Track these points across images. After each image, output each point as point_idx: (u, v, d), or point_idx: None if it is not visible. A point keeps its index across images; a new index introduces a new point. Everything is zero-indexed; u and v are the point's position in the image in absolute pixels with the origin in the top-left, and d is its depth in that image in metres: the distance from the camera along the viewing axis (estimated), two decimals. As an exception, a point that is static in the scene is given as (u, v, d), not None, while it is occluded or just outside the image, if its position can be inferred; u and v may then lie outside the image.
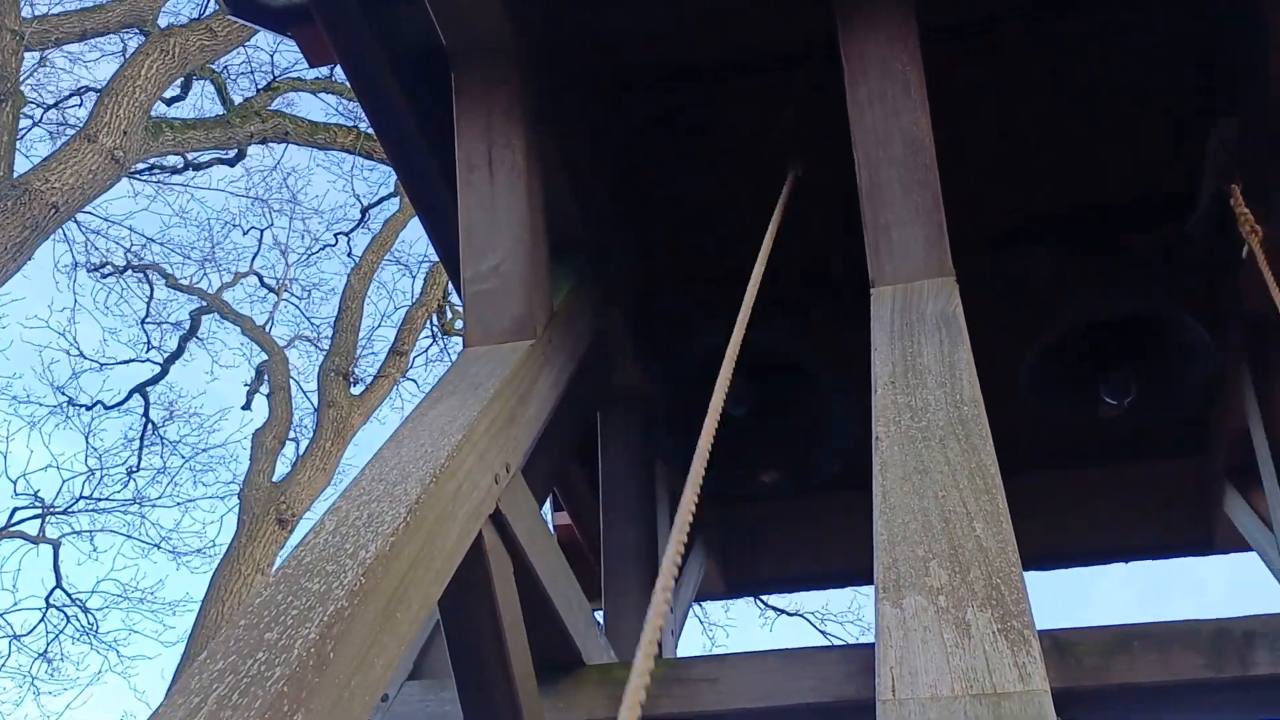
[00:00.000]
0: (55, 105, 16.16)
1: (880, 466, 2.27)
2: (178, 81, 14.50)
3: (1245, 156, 3.76)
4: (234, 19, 4.29)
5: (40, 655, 16.05)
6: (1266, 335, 4.04)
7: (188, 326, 18.27)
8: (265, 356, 18.00)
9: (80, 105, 16.16)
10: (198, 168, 16.34)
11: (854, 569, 5.42)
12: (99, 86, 15.60)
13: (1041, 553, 5.18)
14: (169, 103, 15.43)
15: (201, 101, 16.64)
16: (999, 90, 4.20)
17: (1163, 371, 4.19)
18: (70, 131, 14.90)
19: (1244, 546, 4.94)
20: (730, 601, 14.96)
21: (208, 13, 14.23)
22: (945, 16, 3.79)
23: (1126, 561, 5.32)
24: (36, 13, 14.32)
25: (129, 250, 17.78)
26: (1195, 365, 4.10)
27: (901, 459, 2.26)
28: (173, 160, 16.36)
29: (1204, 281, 4.29)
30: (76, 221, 16.12)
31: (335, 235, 18.91)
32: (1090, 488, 5.18)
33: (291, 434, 16.91)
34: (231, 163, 16.79)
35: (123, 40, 15.25)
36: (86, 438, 17.13)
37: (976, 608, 1.76)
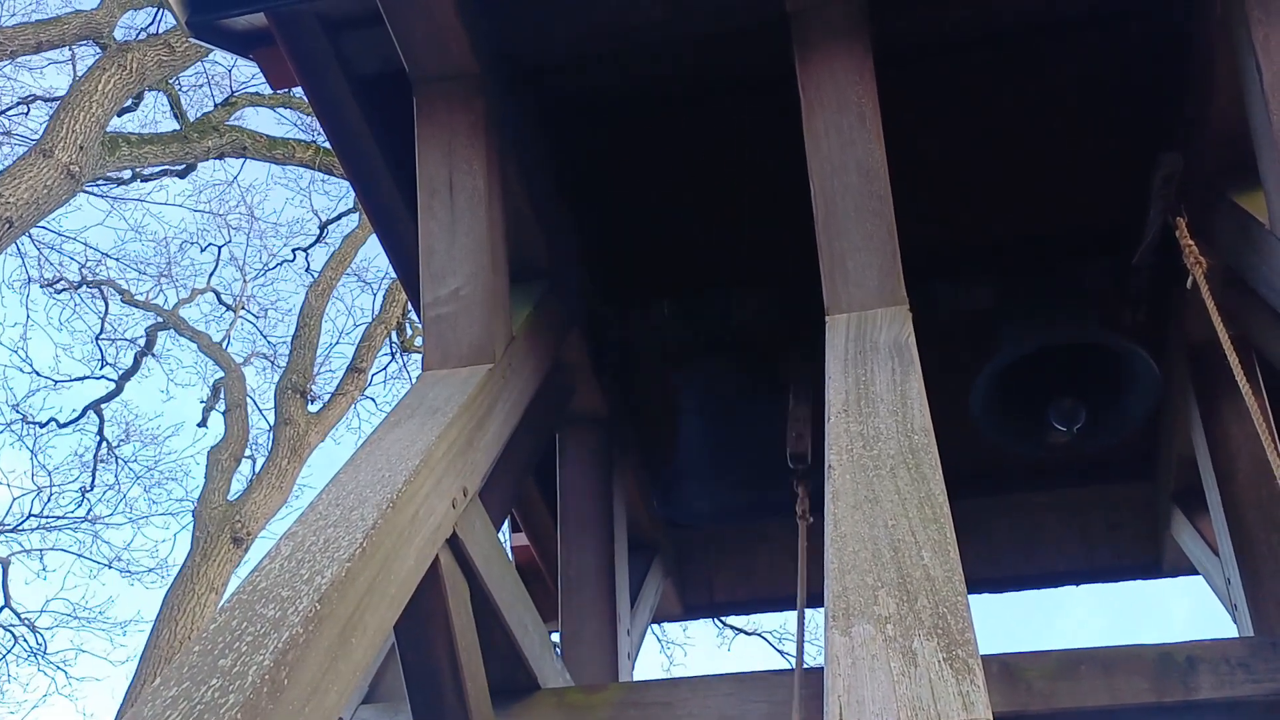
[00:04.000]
0: (2, 113, 15.98)
1: (832, 495, 2.30)
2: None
3: (1189, 189, 3.85)
4: (194, 41, 4.28)
5: (-13, 676, 15.78)
6: (1211, 364, 4.13)
7: (143, 343, 18.09)
8: (222, 373, 17.85)
9: (27, 114, 16.01)
10: (145, 179, 16.17)
11: (809, 592, 5.46)
12: (47, 95, 15.49)
13: (991, 576, 5.25)
14: (120, 113, 15.29)
15: (154, 114, 16.54)
16: (944, 118, 4.28)
17: (1111, 399, 4.27)
18: (17, 141, 14.77)
19: (1191, 571, 5.03)
20: (688, 623, 14.99)
21: (166, 28, 14.13)
22: (898, 48, 3.86)
23: (1076, 585, 5.40)
24: (-8, 24, 14.18)
25: (84, 266, 17.59)
26: (1142, 393, 4.18)
27: (853, 487, 2.30)
28: (128, 174, 16.21)
29: (1151, 311, 4.37)
30: (30, 236, 15.93)
31: (293, 251, 18.82)
32: (1039, 512, 5.26)
33: (248, 452, 16.76)
34: (182, 174, 16.63)
35: (73, 50, 15.10)
36: (34, 455, 16.90)
37: (923, 636, 1.79)
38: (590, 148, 4.47)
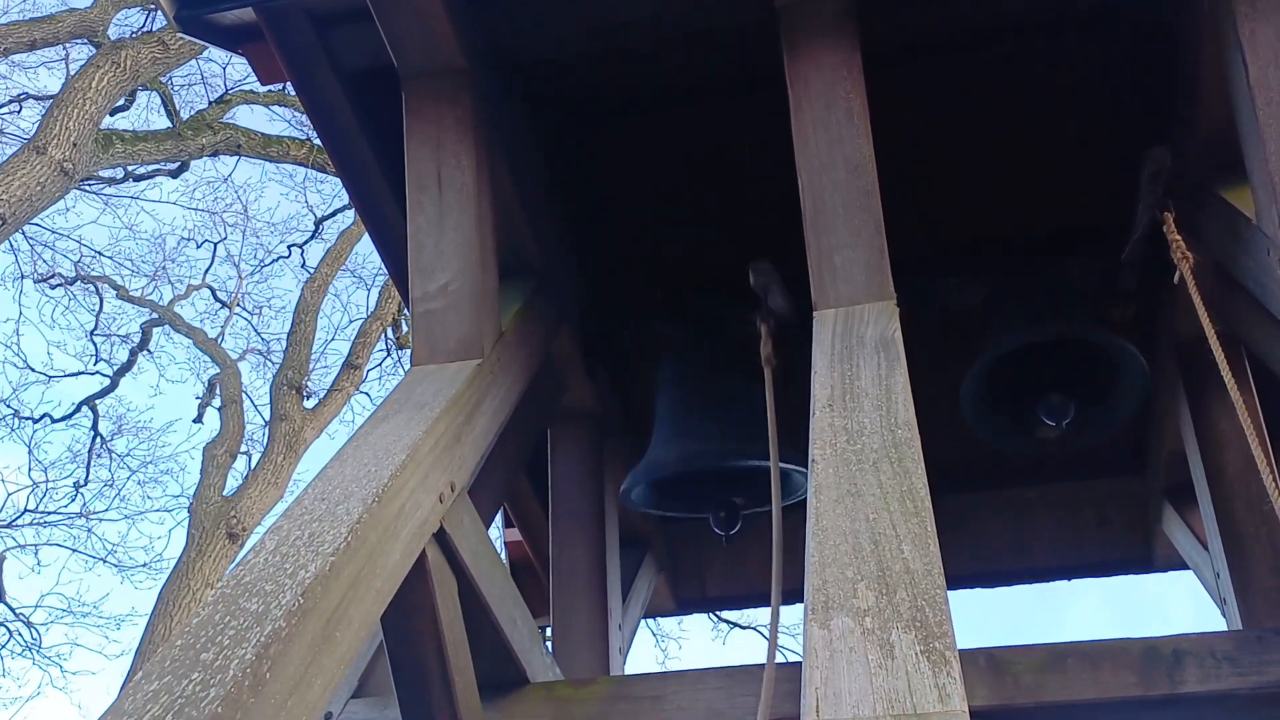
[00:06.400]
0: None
1: (815, 489, 2.31)
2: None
3: (1177, 185, 3.85)
4: (184, 36, 4.28)
5: (-18, 671, 15.78)
6: (1200, 359, 4.13)
7: (138, 339, 18.08)
8: (217, 369, 17.85)
9: (19, 112, 15.99)
10: (138, 178, 16.17)
11: (800, 587, 5.46)
12: (39, 94, 15.48)
13: (982, 571, 5.26)
14: (113, 112, 15.29)
15: (147, 113, 16.53)
16: (934, 117, 4.29)
17: (1100, 395, 4.27)
18: (9, 140, 14.76)
19: (1182, 565, 5.04)
20: (681, 615, 15.00)
21: (160, 26, 14.12)
22: (885, 45, 3.86)
23: (1068, 579, 5.40)
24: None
25: (78, 262, 17.59)
26: (1131, 389, 4.19)
27: (835, 481, 2.30)
28: (123, 172, 16.19)
29: (1140, 307, 4.38)
30: (24, 233, 15.92)
31: (288, 247, 18.81)
32: (1030, 507, 5.27)
33: (243, 448, 16.77)
34: (175, 173, 16.63)
35: (65, 49, 15.09)
36: (30, 450, 16.89)
37: (901, 629, 1.80)
38: (581, 145, 4.47)
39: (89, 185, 16.13)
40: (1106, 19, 4.03)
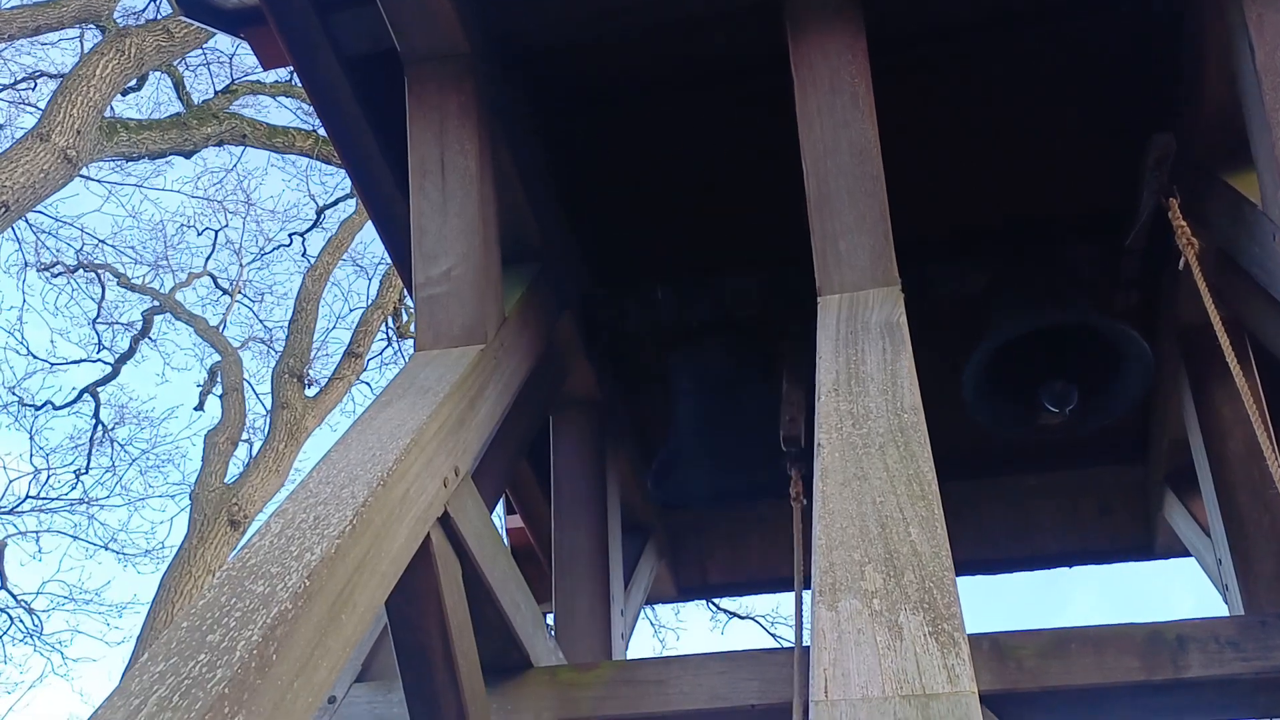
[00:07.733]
0: (10, 86, 15.95)
1: (821, 473, 2.31)
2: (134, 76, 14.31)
3: (1182, 171, 3.84)
4: (186, 20, 4.27)
5: (-17, 657, 15.82)
6: (1203, 346, 4.13)
7: (140, 327, 18.08)
8: (219, 357, 17.84)
9: (34, 88, 15.97)
10: (154, 157, 16.09)
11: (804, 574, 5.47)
12: (54, 73, 15.45)
13: (984, 558, 5.26)
14: (125, 94, 15.24)
15: (158, 94, 16.49)
16: (939, 104, 4.27)
17: (1103, 381, 4.27)
18: (26, 113, 14.74)
19: (1183, 552, 5.04)
20: (681, 604, 15.04)
21: (165, 14, 14.08)
22: (890, 31, 3.85)
23: (1069, 566, 5.41)
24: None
25: (80, 250, 17.57)
26: (1134, 375, 4.19)
27: (842, 465, 2.30)
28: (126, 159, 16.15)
29: (1143, 294, 4.37)
30: (27, 221, 15.91)
31: (290, 235, 18.79)
32: (1032, 494, 5.27)
33: (245, 435, 16.78)
34: (188, 154, 16.59)
35: (82, 29, 15.06)
36: (32, 437, 16.89)
37: (909, 611, 1.80)
38: (583, 131, 4.46)
39: (94, 170, 16.10)
40: (1111, 4, 4.02)
